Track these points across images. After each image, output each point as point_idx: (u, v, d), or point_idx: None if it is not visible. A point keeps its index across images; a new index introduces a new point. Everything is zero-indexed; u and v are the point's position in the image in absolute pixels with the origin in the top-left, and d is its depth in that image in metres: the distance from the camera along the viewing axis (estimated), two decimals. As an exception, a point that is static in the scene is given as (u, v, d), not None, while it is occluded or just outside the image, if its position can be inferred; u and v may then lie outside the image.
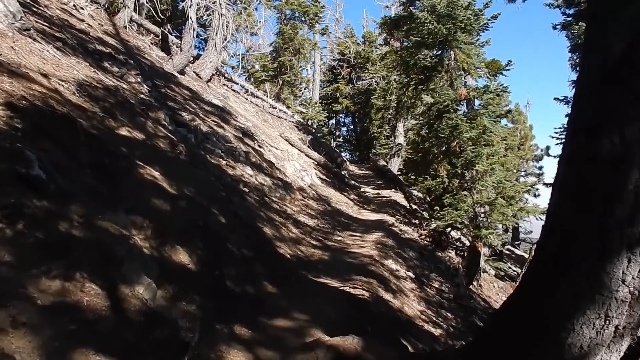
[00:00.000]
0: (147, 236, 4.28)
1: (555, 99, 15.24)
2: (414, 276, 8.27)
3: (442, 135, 11.55)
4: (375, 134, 28.71)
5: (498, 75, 12.46)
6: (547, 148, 33.79)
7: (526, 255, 26.51)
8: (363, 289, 6.26)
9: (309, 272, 6.59)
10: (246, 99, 18.75)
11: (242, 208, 7.55)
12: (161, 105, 9.11)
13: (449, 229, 11.78)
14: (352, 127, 34.40)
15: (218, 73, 17.68)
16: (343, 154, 27.68)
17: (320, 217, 10.70)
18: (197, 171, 7.55)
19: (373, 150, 28.52)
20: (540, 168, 34.71)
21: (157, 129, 7.38)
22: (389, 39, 24.88)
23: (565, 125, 17.67)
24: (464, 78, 12.72)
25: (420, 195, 16.04)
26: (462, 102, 12.13)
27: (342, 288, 6.17)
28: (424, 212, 14.66)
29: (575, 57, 16.03)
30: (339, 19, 31.05)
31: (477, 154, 11.09)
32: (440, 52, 12.36)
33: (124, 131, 5.97)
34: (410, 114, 16.16)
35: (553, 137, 16.38)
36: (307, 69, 30.15)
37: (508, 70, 12.33)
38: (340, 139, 35.29)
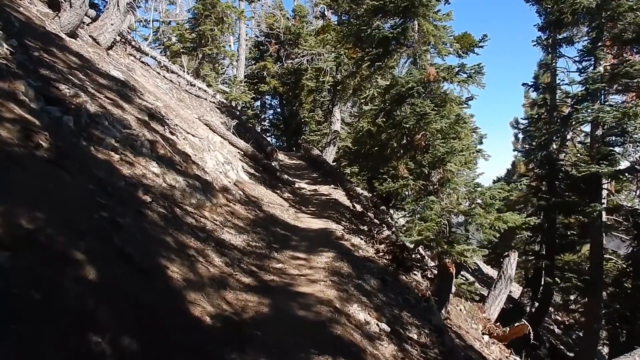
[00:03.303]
0: None
1: (523, 84, 13.41)
2: (388, 329, 5.83)
3: (406, 126, 9.17)
4: (306, 119, 26.13)
5: (469, 52, 10.24)
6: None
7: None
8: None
9: (244, 355, 3.96)
10: (158, 73, 15.58)
11: (135, 237, 4.76)
12: (28, 73, 6.21)
13: (418, 245, 9.46)
14: (279, 110, 31.45)
15: (123, 40, 14.43)
16: (270, 140, 25.04)
17: (250, 230, 8.06)
18: (65, 176, 4.71)
19: (303, 137, 25.99)
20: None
21: (3, 107, 4.51)
22: (325, 12, 22.28)
23: (536, 115, 15.91)
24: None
25: (366, 194, 13.73)
26: (428, 85, 9.80)
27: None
28: (371, 215, 12.32)
29: (544, 37, 14.10)
30: (267, -9, 27.98)
31: (450, 149, 8.82)
32: (401, 20, 9.92)
33: None
34: (355, 98, 13.66)
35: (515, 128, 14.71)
36: (231, 45, 27.01)
37: (481, 47, 10.12)
38: (266, 123, 32.39)
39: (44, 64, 7.19)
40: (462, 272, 12.89)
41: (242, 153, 13.57)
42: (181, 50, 19.46)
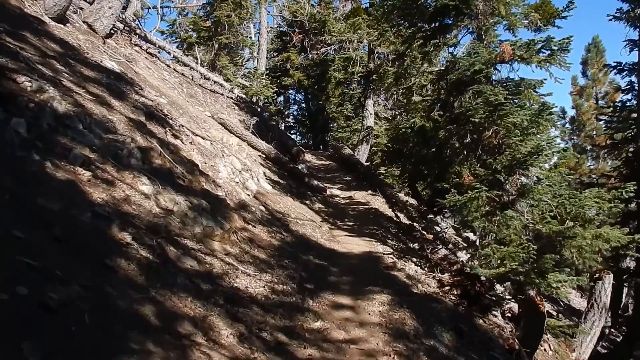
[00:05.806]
0: None
1: (605, 65, 11.14)
2: None
3: (475, 120, 7.05)
4: (334, 114, 24.05)
5: (548, 25, 8.04)
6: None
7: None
8: None
9: None
10: (168, 66, 13.66)
11: (81, 327, 2.78)
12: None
13: (504, 281, 7.32)
14: (304, 105, 29.24)
15: (127, 29, 12.55)
16: (294, 139, 22.99)
17: (276, 264, 6.05)
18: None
19: (331, 134, 23.91)
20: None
21: None
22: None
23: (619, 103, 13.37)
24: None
25: (411, 201, 11.61)
26: (498, 67, 7.67)
27: None
28: (420, 229, 10.22)
29: (631, 9, 11.63)
30: (288, -23, 25.82)
31: (535, 148, 6.68)
32: (463, -14, 7.76)
33: None
34: (395, 88, 11.48)
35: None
36: (251, 36, 24.98)
37: (565, 18, 7.91)
38: (290, 120, 30.27)
39: (3, 50, 5.32)
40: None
41: (264, 156, 11.53)
42: (194, 40, 17.50)
